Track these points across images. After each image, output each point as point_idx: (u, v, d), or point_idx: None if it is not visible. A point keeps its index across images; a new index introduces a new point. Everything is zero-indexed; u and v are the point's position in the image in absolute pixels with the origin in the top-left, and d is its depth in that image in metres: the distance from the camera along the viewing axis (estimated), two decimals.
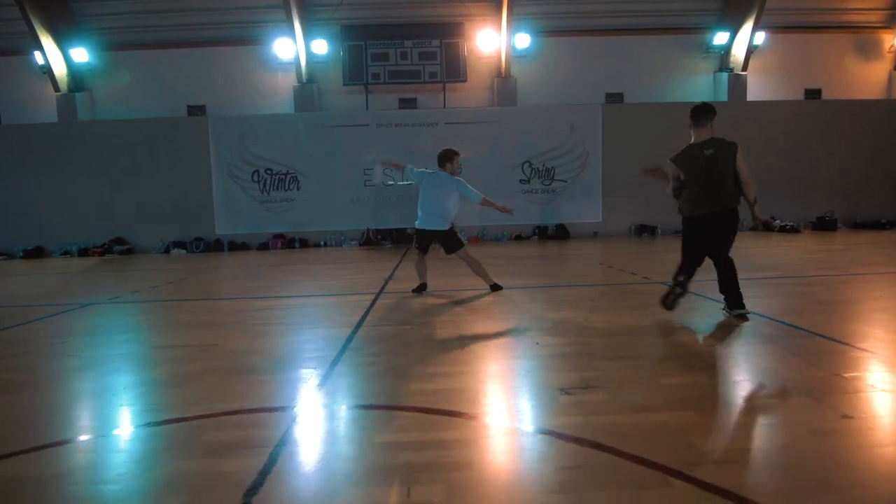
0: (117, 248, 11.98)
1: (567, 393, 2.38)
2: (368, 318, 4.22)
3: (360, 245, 12.21)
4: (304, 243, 12.29)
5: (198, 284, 7.08)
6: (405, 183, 12.42)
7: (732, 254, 3.80)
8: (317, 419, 2.27)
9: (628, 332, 3.61)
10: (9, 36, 12.06)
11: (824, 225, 12.12)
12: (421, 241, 5.28)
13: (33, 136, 12.08)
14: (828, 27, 12.86)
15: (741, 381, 2.66)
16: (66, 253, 12.01)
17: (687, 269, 3.83)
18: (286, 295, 5.77)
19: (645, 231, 12.31)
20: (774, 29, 12.58)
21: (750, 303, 3.79)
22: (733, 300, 3.75)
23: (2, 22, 11.85)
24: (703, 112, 3.83)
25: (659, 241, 11.21)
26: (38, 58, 12.00)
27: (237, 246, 12.26)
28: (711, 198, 3.73)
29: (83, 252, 11.96)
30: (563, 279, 6.55)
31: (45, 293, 6.61)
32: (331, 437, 2.10)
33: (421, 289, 5.31)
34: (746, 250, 8.06)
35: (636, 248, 10.15)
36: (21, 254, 11.96)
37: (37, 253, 12.04)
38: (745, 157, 3.88)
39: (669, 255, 5.63)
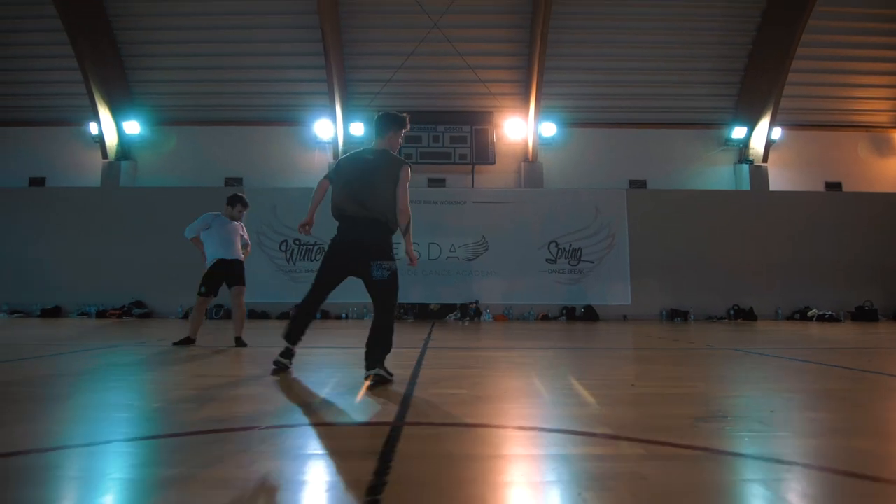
0: (136, 311, 11.74)
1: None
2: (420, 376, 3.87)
3: None
4: (325, 314, 12.01)
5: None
6: (430, 258, 12.53)
7: None
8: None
9: None
10: (69, 108, 12.96)
11: (864, 315, 11.69)
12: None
13: (73, 200, 12.46)
14: (840, 126, 13.48)
15: None
16: (84, 314, 11.78)
17: None
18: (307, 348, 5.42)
19: (677, 315, 11.91)
20: (790, 126, 13.19)
21: None
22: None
23: (65, 95, 12.81)
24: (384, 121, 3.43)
25: (692, 325, 10.78)
26: (93, 128, 12.76)
27: (256, 315, 11.98)
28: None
29: (101, 314, 11.72)
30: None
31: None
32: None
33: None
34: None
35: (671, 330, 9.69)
36: (38, 312, 11.75)
37: (54, 312, 11.82)
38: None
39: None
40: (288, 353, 3.40)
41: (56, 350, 4.84)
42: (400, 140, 3.52)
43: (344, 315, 12.11)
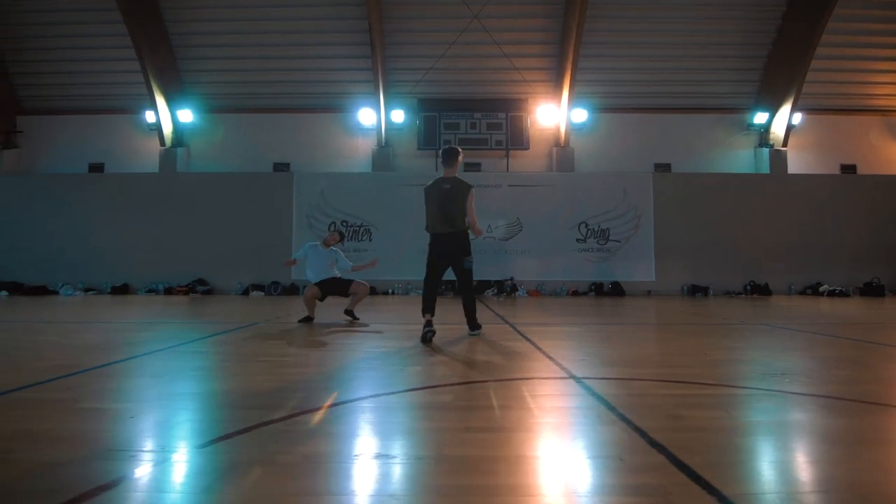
0: (200, 289, 12.81)
1: None
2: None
3: None
4: (373, 290, 13.03)
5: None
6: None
7: None
8: None
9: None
10: (126, 97, 13.73)
11: (872, 290, 12.62)
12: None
13: (134, 185, 13.39)
14: (858, 110, 14.10)
15: None
16: (152, 291, 12.87)
17: None
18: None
19: (698, 291, 12.88)
20: (810, 110, 13.83)
21: None
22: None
23: (124, 85, 13.56)
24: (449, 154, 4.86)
25: (711, 300, 11.75)
26: (150, 116, 13.55)
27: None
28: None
29: (168, 291, 12.80)
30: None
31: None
32: None
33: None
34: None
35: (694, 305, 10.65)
36: (109, 290, 12.84)
37: (123, 290, 12.91)
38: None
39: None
40: (430, 323, 4.57)
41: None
42: (460, 159, 4.93)
43: (390, 291, 13.13)
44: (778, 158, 13.79)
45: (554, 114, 13.58)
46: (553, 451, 1.85)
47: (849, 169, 14.21)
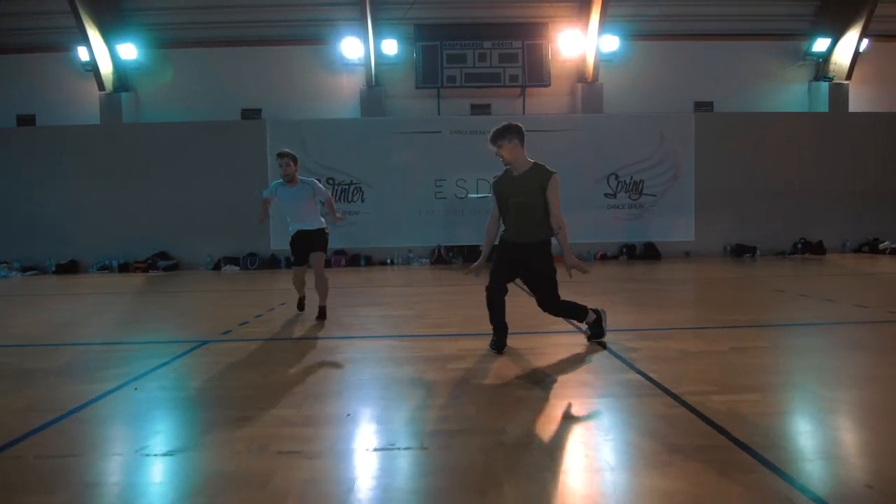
0: (162, 264, 10.75)
1: None
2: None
3: (432, 263, 11.03)
4: (368, 260, 11.12)
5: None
6: (479, 196, 11.46)
7: None
8: None
9: None
10: (51, 30, 11.08)
11: None
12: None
13: (72, 139, 10.99)
14: None
15: None
16: (105, 268, 10.79)
17: None
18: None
19: (746, 251, 11.17)
20: (880, 36, 11.69)
21: None
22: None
23: (45, 15, 10.87)
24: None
25: (759, 262, 10.05)
26: (83, 54, 10.98)
27: (292, 263, 11.05)
28: None
29: (123, 267, 10.74)
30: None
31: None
32: None
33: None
34: None
35: (772, 268, 8.91)
36: (53, 269, 10.73)
37: (71, 268, 10.81)
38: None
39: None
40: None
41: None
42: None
43: (389, 260, 11.21)
44: (838, 93, 11.76)
45: (579, 42, 11.27)
46: None
47: None
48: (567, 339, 3.74)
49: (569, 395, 2.49)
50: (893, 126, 11.56)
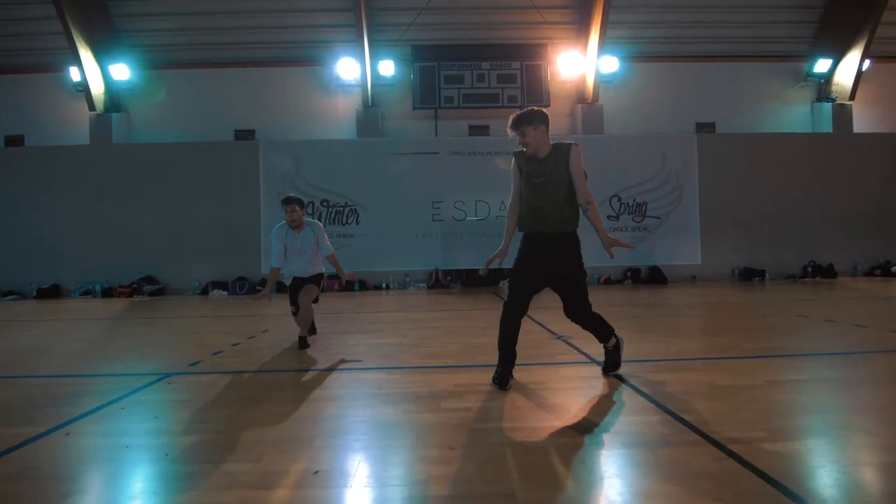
0: (147, 288, 10.31)
1: None
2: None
3: (429, 287, 10.60)
4: (363, 285, 10.68)
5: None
6: (478, 218, 11.14)
7: None
8: None
9: None
10: (44, 51, 10.94)
11: None
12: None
13: (60, 160, 10.71)
14: None
15: None
16: (88, 293, 10.34)
17: None
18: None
19: (755, 275, 10.78)
20: (881, 58, 11.60)
21: None
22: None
23: (38, 36, 10.73)
24: None
25: (769, 286, 9.64)
26: (74, 74, 10.81)
27: (285, 287, 10.57)
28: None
29: (107, 292, 10.29)
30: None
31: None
32: None
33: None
34: None
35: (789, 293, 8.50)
36: (35, 293, 10.28)
37: (53, 292, 10.36)
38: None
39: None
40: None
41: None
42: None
43: (384, 284, 10.79)
44: (842, 114, 11.58)
45: (579, 63, 11.14)
46: None
47: None
48: (579, 372, 3.31)
49: (590, 444, 2.05)
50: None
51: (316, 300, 4.41)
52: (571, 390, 2.86)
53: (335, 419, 2.45)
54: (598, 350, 3.33)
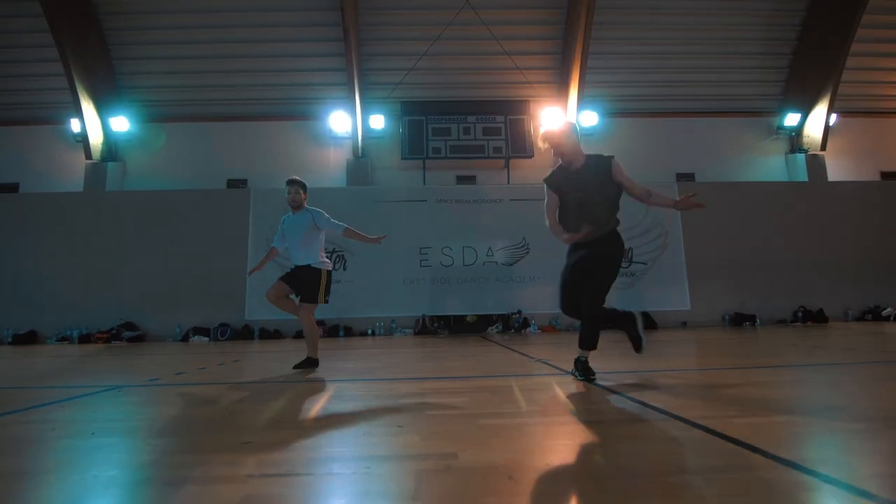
0: (126, 335, 10.06)
1: None
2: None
3: (416, 333, 10.40)
4: (348, 331, 10.48)
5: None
6: (465, 264, 11.15)
7: None
8: None
9: None
10: (47, 105, 11.40)
11: None
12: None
13: (50, 206, 10.80)
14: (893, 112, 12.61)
15: None
16: (64, 339, 10.06)
17: None
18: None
19: (745, 320, 10.68)
20: (845, 113, 12.24)
21: None
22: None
23: (43, 91, 11.23)
24: None
25: (761, 331, 9.50)
26: (75, 125, 11.19)
27: (269, 334, 10.41)
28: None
29: (84, 338, 10.01)
30: None
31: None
32: None
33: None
34: None
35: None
36: (10, 339, 9.99)
37: (29, 338, 10.07)
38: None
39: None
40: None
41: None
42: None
43: (370, 331, 10.59)
44: (816, 164, 12.03)
45: (560, 118, 11.66)
46: None
47: (889, 176, 12.54)
48: (552, 380, 3.18)
49: (546, 421, 1.94)
50: (873, 194, 11.70)
51: (325, 300, 4.16)
52: (536, 390, 2.74)
53: (277, 411, 2.31)
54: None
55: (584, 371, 2.93)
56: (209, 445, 1.70)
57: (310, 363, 4.04)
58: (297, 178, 4.35)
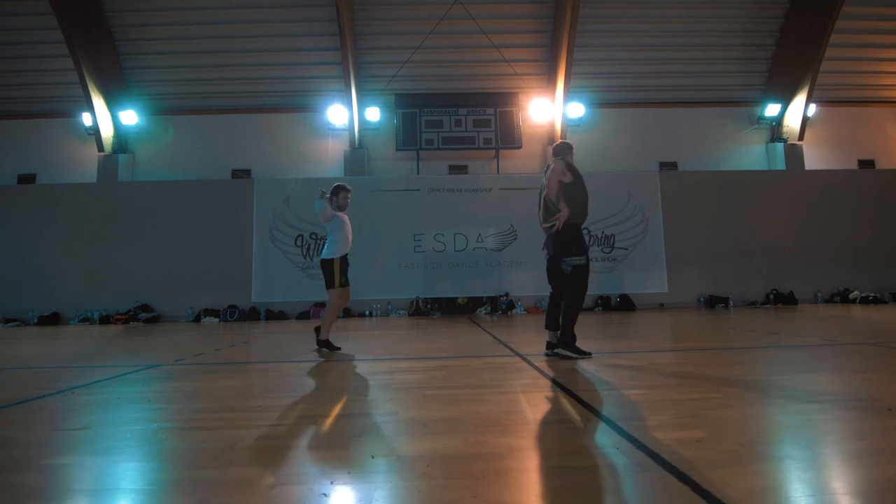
0: (143, 316, 10.89)
1: None
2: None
3: (410, 315, 11.20)
4: (347, 312, 11.26)
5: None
6: (456, 250, 11.87)
7: None
8: None
9: None
10: (60, 99, 11.98)
11: None
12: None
13: (67, 197, 11.53)
14: (873, 102, 13.03)
15: None
16: (86, 320, 10.90)
17: None
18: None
19: (719, 302, 11.40)
20: (824, 102, 12.69)
21: None
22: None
23: (56, 85, 11.81)
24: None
25: (733, 312, 10.24)
26: (87, 119, 11.80)
27: (274, 315, 11.22)
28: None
29: (105, 319, 10.86)
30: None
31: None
32: None
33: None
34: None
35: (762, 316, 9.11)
36: (35, 321, 10.85)
37: (53, 319, 10.93)
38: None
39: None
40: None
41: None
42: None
43: (367, 312, 11.38)
44: (794, 153, 12.55)
45: (548, 109, 12.20)
46: None
47: (866, 164, 13.05)
48: (512, 363, 3.91)
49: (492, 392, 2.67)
50: (847, 183, 12.24)
51: (342, 285, 4.62)
52: (497, 368, 3.47)
53: (273, 386, 3.06)
54: (529, 350, 3.95)
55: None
56: (231, 408, 2.45)
57: (321, 344, 4.64)
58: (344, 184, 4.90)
